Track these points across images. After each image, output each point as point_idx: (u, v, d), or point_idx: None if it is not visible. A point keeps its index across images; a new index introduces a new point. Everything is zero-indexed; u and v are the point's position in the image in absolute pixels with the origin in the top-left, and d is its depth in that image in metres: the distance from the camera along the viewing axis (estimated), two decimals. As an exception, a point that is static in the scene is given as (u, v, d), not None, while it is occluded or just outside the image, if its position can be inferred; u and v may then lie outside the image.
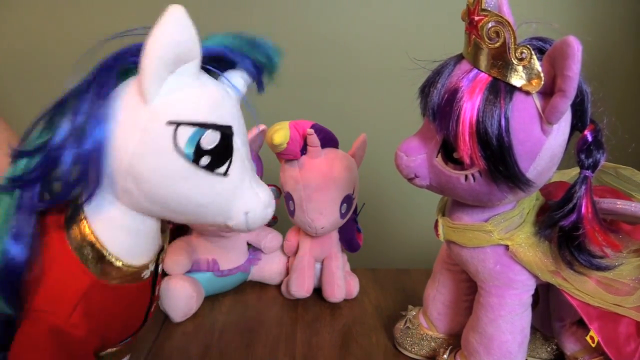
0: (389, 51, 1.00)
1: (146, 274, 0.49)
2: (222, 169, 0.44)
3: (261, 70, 0.48)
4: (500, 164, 0.45)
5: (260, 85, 0.49)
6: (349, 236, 0.81)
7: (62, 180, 0.41)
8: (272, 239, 0.83)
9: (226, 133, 0.44)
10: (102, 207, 0.45)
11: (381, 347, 0.70)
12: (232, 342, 0.70)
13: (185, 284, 0.74)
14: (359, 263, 0.90)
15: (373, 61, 1.01)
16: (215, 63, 0.46)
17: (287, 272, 0.84)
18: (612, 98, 0.48)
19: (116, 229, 0.45)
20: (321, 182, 0.73)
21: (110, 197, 0.44)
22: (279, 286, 0.85)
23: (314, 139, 0.71)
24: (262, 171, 0.78)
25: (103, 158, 0.41)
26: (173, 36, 0.38)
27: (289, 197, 0.76)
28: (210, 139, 0.42)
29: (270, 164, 0.80)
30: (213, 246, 0.79)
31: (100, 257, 0.45)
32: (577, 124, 0.48)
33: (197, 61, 0.42)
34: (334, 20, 1.00)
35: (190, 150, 0.42)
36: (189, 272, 0.77)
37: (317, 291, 0.82)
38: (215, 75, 0.47)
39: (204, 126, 0.42)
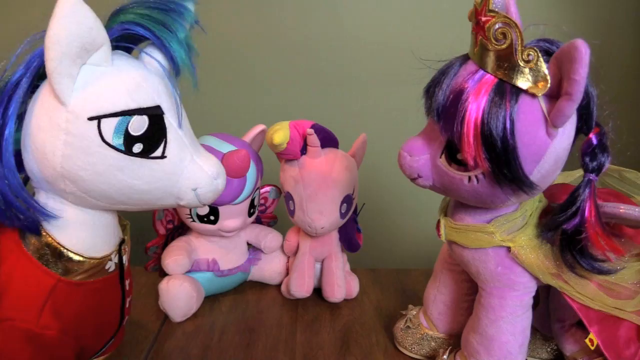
0: (389, 51, 1.00)
1: (110, 266, 0.49)
2: (158, 151, 0.43)
3: (173, 53, 0.45)
4: (505, 166, 0.45)
5: (175, 68, 0.46)
6: (349, 236, 0.81)
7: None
8: (272, 239, 0.83)
9: (154, 114, 0.42)
10: (51, 207, 0.44)
11: (381, 347, 0.69)
12: (232, 342, 0.70)
13: (185, 284, 0.74)
14: (359, 263, 0.90)
15: (373, 61, 1.01)
16: (130, 40, 0.44)
17: (287, 272, 0.84)
18: (613, 100, 0.48)
19: (70, 226, 0.45)
20: (321, 182, 0.72)
21: (58, 198, 0.44)
22: (279, 286, 0.85)
23: (314, 139, 0.71)
24: (262, 171, 0.78)
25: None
26: (69, 29, 0.36)
27: (289, 197, 0.76)
28: (138, 125, 0.41)
29: (270, 164, 0.80)
30: (213, 246, 0.79)
31: (59, 255, 0.45)
32: (582, 127, 0.48)
33: (105, 47, 0.40)
34: (334, 19, 0.99)
35: (119, 141, 0.41)
36: (189, 272, 0.77)
37: (317, 291, 0.81)
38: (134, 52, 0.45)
39: (128, 113, 0.41)
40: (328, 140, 0.74)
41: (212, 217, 0.74)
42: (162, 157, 0.43)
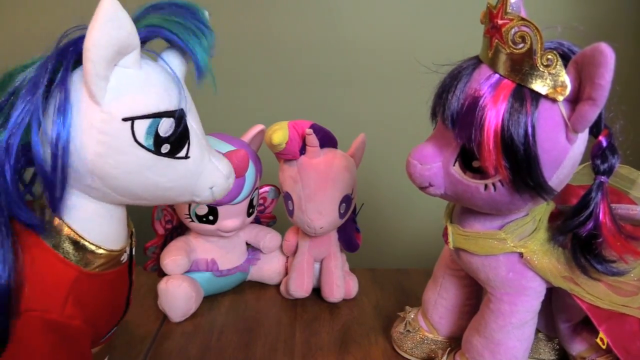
0: (389, 52, 1.00)
1: (124, 257, 0.51)
2: (183, 152, 0.45)
3: (195, 55, 0.46)
4: (526, 173, 0.44)
5: (198, 69, 0.47)
6: (348, 236, 0.81)
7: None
8: (271, 239, 0.83)
9: (179, 116, 0.44)
10: (72, 202, 0.45)
11: (380, 347, 0.70)
12: (231, 342, 0.70)
13: (184, 284, 0.73)
14: (358, 263, 0.89)
15: (373, 61, 1.01)
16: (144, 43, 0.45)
17: (286, 272, 0.84)
18: (619, 101, 0.47)
19: (91, 219, 0.46)
20: (320, 182, 0.72)
21: (78, 193, 0.45)
22: (278, 286, 0.84)
23: (312, 139, 0.71)
24: (261, 171, 0.77)
25: (66, 157, 0.41)
26: (110, 34, 0.38)
27: (288, 197, 0.75)
28: (167, 126, 0.43)
29: (269, 164, 0.79)
30: (212, 246, 0.78)
31: (81, 248, 0.46)
32: (592, 129, 0.47)
33: (137, 51, 0.42)
34: (334, 20, 0.99)
35: (150, 142, 0.43)
36: (188, 272, 0.77)
37: (316, 291, 0.81)
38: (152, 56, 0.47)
39: (158, 115, 0.43)
40: (327, 140, 0.74)
41: (211, 217, 0.74)
42: (186, 157, 0.46)
